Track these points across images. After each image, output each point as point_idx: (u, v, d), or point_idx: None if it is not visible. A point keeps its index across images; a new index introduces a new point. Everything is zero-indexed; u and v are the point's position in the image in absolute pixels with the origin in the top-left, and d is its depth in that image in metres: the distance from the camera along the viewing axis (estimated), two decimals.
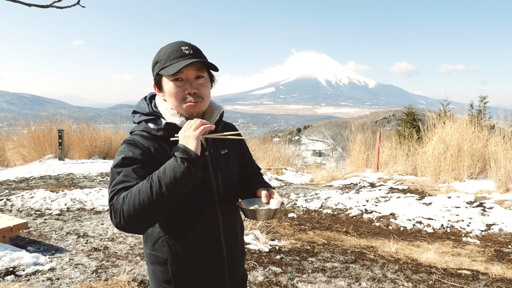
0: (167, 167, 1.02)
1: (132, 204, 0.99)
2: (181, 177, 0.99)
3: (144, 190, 0.99)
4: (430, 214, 5.03)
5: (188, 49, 1.14)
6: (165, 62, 1.13)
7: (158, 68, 1.15)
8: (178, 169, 0.99)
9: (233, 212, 1.31)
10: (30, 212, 4.87)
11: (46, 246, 3.65)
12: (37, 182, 7.14)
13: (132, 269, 3.17)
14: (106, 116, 13.39)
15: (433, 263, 3.56)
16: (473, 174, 6.73)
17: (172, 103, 1.17)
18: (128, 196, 1.00)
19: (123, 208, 1.00)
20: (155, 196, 0.98)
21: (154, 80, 1.19)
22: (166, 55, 1.14)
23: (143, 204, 0.98)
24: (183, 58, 1.13)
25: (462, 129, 7.05)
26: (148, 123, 1.20)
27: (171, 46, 1.16)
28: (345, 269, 3.38)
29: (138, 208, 0.98)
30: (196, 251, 1.20)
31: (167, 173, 1.00)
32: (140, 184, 1.01)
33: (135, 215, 0.99)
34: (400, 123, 15.30)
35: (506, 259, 3.69)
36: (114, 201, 1.03)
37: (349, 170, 9.71)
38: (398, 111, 59.93)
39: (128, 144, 1.14)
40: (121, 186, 1.05)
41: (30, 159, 9.89)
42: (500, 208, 5.05)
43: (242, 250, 1.36)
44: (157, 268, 1.21)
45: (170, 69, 1.11)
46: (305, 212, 5.57)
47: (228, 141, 1.34)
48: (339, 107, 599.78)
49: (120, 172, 1.08)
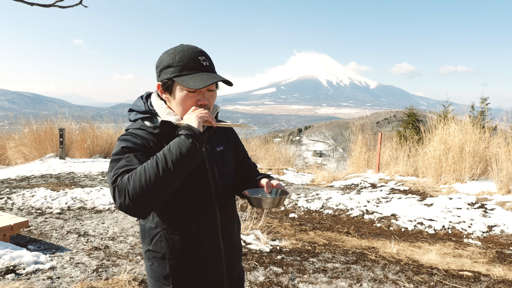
0: (171, 144, 1.04)
1: (138, 181, 0.99)
2: (186, 152, 1.01)
3: (150, 167, 1.00)
4: (431, 215, 5.01)
5: (205, 60, 1.15)
6: (182, 70, 1.13)
7: (171, 73, 1.13)
8: (183, 144, 1.02)
9: (230, 208, 1.32)
10: (30, 211, 4.87)
11: (46, 245, 3.64)
12: (38, 181, 7.15)
13: (132, 268, 3.16)
14: (107, 115, 13.39)
15: (435, 264, 3.55)
16: (474, 175, 6.71)
17: (179, 110, 1.17)
18: (133, 175, 1.01)
19: (128, 187, 1.00)
20: (161, 172, 0.99)
21: (162, 82, 1.17)
22: (182, 63, 1.13)
23: (150, 180, 0.99)
24: (202, 71, 1.14)
25: (465, 130, 7.04)
26: (144, 121, 1.20)
27: (187, 54, 1.14)
28: (346, 269, 3.37)
29: (144, 185, 0.99)
30: (194, 246, 1.21)
31: (173, 149, 1.02)
32: (145, 164, 1.02)
33: (141, 192, 0.99)
34: (401, 124, 15.30)
35: (508, 261, 3.68)
36: (118, 182, 1.02)
37: (350, 170, 9.70)
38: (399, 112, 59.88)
39: (125, 137, 1.15)
40: (124, 169, 1.05)
41: (31, 158, 9.90)
42: (501, 210, 5.04)
43: (239, 246, 1.38)
44: (155, 264, 1.22)
45: (191, 82, 1.10)
46: (306, 213, 5.56)
47: (223, 139, 1.36)
48: (340, 107, 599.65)
49: (121, 158, 1.09)
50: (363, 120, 11.18)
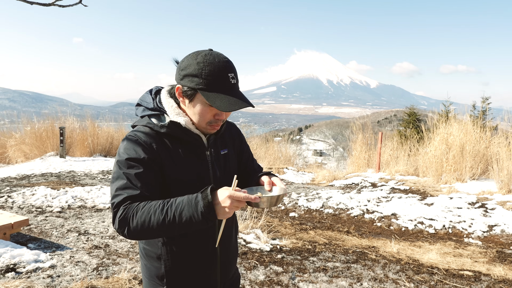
0: (185, 209, 1.00)
1: (140, 226, 1.02)
2: (195, 223, 1.01)
3: (156, 220, 1.01)
4: (431, 215, 5.01)
5: (233, 78, 1.12)
6: (209, 85, 1.09)
7: (197, 84, 1.10)
8: (195, 218, 0.99)
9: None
10: (31, 209, 4.87)
11: (47, 244, 3.64)
12: (38, 179, 7.15)
13: (133, 267, 3.16)
14: (107, 114, 13.39)
15: (435, 264, 3.55)
16: (475, 175, 6.70)
17: (195, 119, 1.17)
18: (138, 216, 1.03)
19: (130, 224, 1.03)
20: (165, 229, 1.02)
21: (184, 88, 1.13)
22: (211, 78, 1.09)
23: (151, 229, 1.02)
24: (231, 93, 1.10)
25: (466, 130, 7.03)
26: (151, 118, 1.19)
27: (218, 68, 1.10)
28: (346, 269, 3.36)
29: (145, 229, 1.03)
30: (190, 249, 1.21)
31: (184, 217, 1.00)
32: (153, 211, 1.02)
33: (140, 233, 1.04)
34: (401, 124, 15.28)
35: (508, 260, 3.67)
36: (122, 214, 1.04)
37: (350, 170, 9.69)
38: (399, 111, 59.83)
39: (130, 142, 1.13)
40: (126, 194, 1.06)
41: (31, 157, 9.90)
42: (502, 209, 5.03)
43: (235, 250, 1.38)
44: (151, 263, 1.22)
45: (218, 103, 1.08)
46: (307, 212, 5.55)
47: (228, 141, 1.35)
48: (341, 107, 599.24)
49: (124, 174, 1.09)
50: (363, 120, 11.18)
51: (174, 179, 1.14)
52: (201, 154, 1.22)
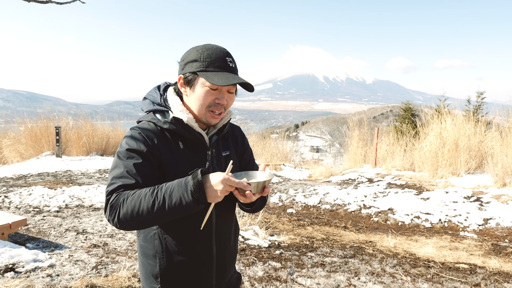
0: (175, 190, 1.01)
1: (130, 210, 1.02)
2: (185, 206, 1.01)
3: (146, 202, 1.01)
4: (428, 209, 5.06)
5: (231, 62, 1.16)
6: (208, 66, 1.13)
7: (196, 68, 1.13)
8: (185, 199, 1.00)
9: (228, 214, 1.30)
10: (28, 209, 4.86)
11: (45, 243, 3.64)
12: (34, 179, 7.12)
13: (132, 265, 3.17)
14: (103, 113, 13.33)
15: (431, 257, 3.59)
16: (470, 169, 6.77)
17: (196, 105, 1.17)
18: (128, 201, 1.03)
19: (120, 210, 1.03)
20: (155, 212, 1.01)
21: (185, 75, 1.16)
22: (210, 60, 1.13)
23: (141, 213, 1.01)
24: (228, 71, 1.14)
25: (459, 124, 7.08)
26: (156, 114, 1.21)
27: (216, 52, 1.15)
28: (344, 263, 3.40)
29: (135, 215, 1.02)
30: (185, 249, 1.20)
31: (173, 197, 1.01)
32: (143, 194, 1.03)
33: (130, 220, 1.02)
34: (397, 119, 15.35)
35: (503, 253, 3.72)
36: (113, 199, 1.05)
37: (347, 165, 9.74)
38: (395, 107, 60.05)
39: (133, 134, 1.15)
40: (121, 183, 1.07)
41: (27, 156, 9.85)
42: (497, 203, 5.09)
43: (233, 253, 1.35)
44: (146, 261, 1.22)
45: (217, 79, 1.10)
46: (304, 208, 5.59)
47: (231, 142, 1.34)
48: (337, 103, 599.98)
49: (122, 164, 1.10)
50: (360, 115, 11.21)
51: (172, 174, 1.15)
52: (201, 153, 1.22)
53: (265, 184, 1.09)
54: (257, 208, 1.29)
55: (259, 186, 1.08)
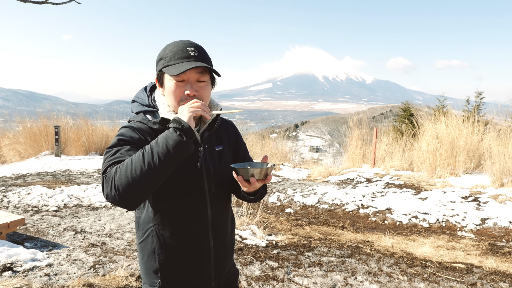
0: (159, 137, 1.04)
1: (124, 172, 1.00)
2: (173, 145, 1.01)
3: (136, 159, 1.01)
4: (425, 209, 5.07)
5: (193, 51, 1.16)
6: (169, 61, 1.15)
7: (161, 65, 1.17)
8: (170, 137, 1.02)
9: (224, 208, 1.32)
10: (27, 209, 4.86)
11: (43, 242, 3.65)
12: (33, 178, 7.13)
13: (129, 264, 3.18)
14: (102, 112, 13.33)
15: (428, 257, 3.60)
16: (468, 169, 6.78)
17: (170, 102, 1.19)
18: (120, 166, 1.03)
19: (114, 178, 1.01)
20: (146, 165, 1.00)
21: (157, 75, 1.21)
22: (171, 54, 1.16)
23: (135, 172, 0.99)
24: (187, 59, 1.14)
25: (455, 124, 7.10)
26: (146, 115, 1.23)
27: (177, 45, 1.17)
28: (341, 263, 3.41)
29: (129, 177, 0.99)
30: (183, 243, 1.22)
31: (160, 142, 1.02)
32: (133, 155, 1.04)
33: (126, 183, 1.00)
34: (397, 119, 15.36)
35: (500, 253, 3.74)
36: (107, 172, 1.04)
37: (346, 165, 9.75)
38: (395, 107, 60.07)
39: (126, 128, 1.18)
40: (115, 160, 1.07)
41: (26, 156, 9.85)
42: (494, 203, 5.10)
43: (230, 245, 1.37)
44: (146, 257, 1.24)
45: (173, 69, 1.13)
46: (302, 207, 5.60)
47: (224, 137, 1.36)
48: (337, 103, 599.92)
49: (114, 150, 1.11)
50: (359, 115, 11.22)
51: None
52: (193, 151, 1.23)
53: (268, 171, 1.14)
54: (260, 196, 1.30)
55: (263, 172, 1.12)
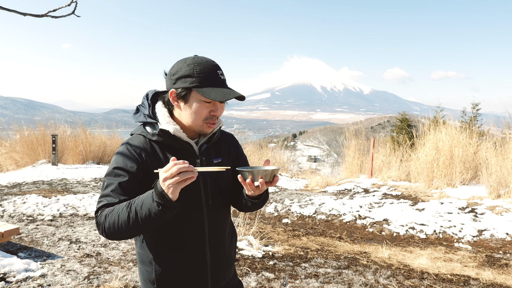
0: (144, 202, 1.06)
1: (112, 224, 1.11)
2: (154, 216, 1.05)
3: (123, 217, 1.09)
4: (422, 220, 5.07)
5: (222, 74, 1.22)
6: (202, 82, 1.17)
7: (190, 83, 1.17)
8: (152, 209, 1.04)
9: (222, 220, 1.32)
10: (22, 218, 4.83)
11: (37, 252, 3.62)
12: (29, 187, 7.08)
13: (124, 275, 3.15)
14: (101, 121, 13.35)
15: (425, 269, 3.59)
16: (465, 180, 6.80)
17: (192, 118, 1.21)
18: (109, 216, 1.11)
19: (104, 225, 1.12)
20: (131, 224, 1.08)
21: (177, 90, 1.20)
22: (203, 75, 1.17)
23: (121, 227, 1.10)
24: (221, 85, 1.20)
25: (453, 135, 7.14)
26: (146, 127, 1.26)
27: (207, 66, 1.19)
28: (338, 274, 3.39)
29: (116, 229, 1.11)
30: (178, 254, 1.23)
31: (143, 210, 1.06)
32: (121, 209, 1.10)
33: (114, 232, 1.12)
34: (394, 129, 15.43)
35: (497, 265, 3.73)
36: (98, 215, 1.15)
37: (343, 176, 9.75)
38: (392, 117, 60.40)
39: (123, 151, 1.21)
40: (105, 202, 1.15)
41: (22, 164, 9.81)
42: (491, 214, 5.11)
43: (229, 257, 1.36)
44: (144, 267, 1.26)
45: (214, 95, 1.15)
46: (299, 218, 5.58)
47: (223, 150, 1.36)
48: (334, 113, 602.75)
49: (109, 182, 1.18)
50: (357, 126, 11.28)
51: None
52: (191, 162, 1.23)
53: (275, 172, 1.15)
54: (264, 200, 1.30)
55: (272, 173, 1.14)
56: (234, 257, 1.41)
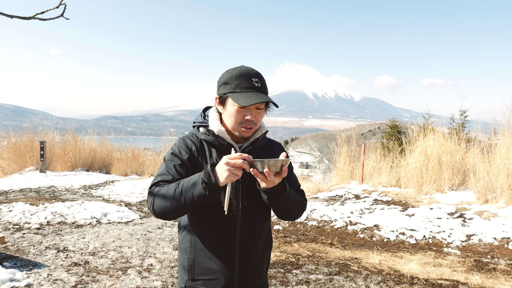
0: (192, 179, 1.20)
1: (159, 200, 1.24)
2: (196, 195, 1.18)
3: (171, 191, 1.22)
4: (412, 225, 5.11)
5: (257, 82, 1.30)
6: (235, 88, 1.29)
7: (226, 90, 1.30)
8: (196, 188, 1.17)
9: (256, 223, 1.36)
10: (7, 226, 4.72)
11: (23, 262, 3.53)
12: (16, 195, 6.94)
13: (113, 284, 3.10)
14: (91, 127, 13.20)
15: (415, 274, 3.61)
16: (454, 185, 6.89)
17: (229, 122, 1.33)
18: (160, 192, 1.24)
19: (154, 200, 1.25)
20: (175, 203, 1.21)
21: (219, 95, 1.34)
22: (237, 81, 1.29)
23: (166, 204, 1.23)
24: (253, 91, 1.28)
25: (441, 142, 7.25)
26: (199, 128, 1.41)
27: (243, 74, 1.30)
28: (329, 281, 3.39)
29: (162, 206, 1.24)
30: (209, 249, 1.32)
31: (189, 185, 1.19)
32: (172, 186, 1.23)
33: (160, 209, 1.24)
34: (384, 136, 15.60)
35: (485, 269, 3.77)
36: (151, 190, 1.28)
37: (334, 182, 9.79)
38: (383, 124, 61.20)
39: (178, 142, 1.39)
40: (160, 178, 1.30)
41: (9, 172, 9.62)
42: (479, 219, 5.18)
43: (259, 264, 1.39)
44: (181, 254, 1.38)
45: (240, 99, 1.26)
46: (291, 224, 5.57)
47: (265, 155, 1.41)
48: (326, 119, 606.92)
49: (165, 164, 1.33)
50: (348, 132, 11.38)
51: None
52: None
53: (283, 162, 1.15)
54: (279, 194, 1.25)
55: (278, 164, 1.14)
56: (266, 264, 1.43)
